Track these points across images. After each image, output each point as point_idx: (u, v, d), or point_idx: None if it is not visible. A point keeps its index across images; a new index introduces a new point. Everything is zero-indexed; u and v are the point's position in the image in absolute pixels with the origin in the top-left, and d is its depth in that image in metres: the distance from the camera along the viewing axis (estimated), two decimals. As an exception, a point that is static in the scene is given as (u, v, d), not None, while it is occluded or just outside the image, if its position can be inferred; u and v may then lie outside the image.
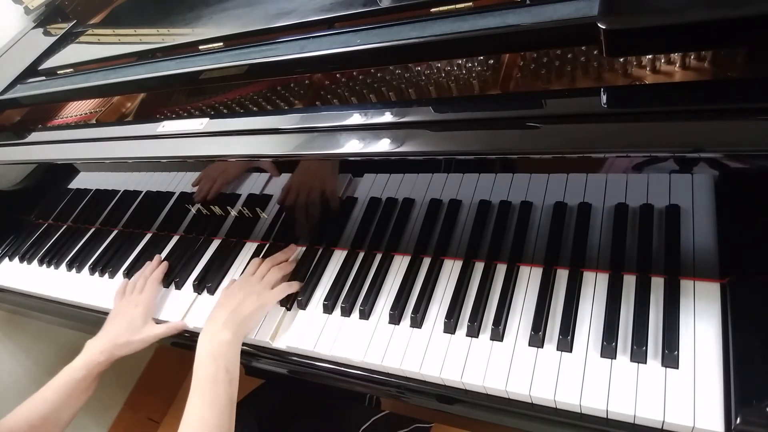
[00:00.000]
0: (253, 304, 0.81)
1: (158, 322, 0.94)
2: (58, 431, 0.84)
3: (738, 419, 0.55)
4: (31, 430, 0.80)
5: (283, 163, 0.81)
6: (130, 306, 0.93)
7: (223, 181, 0.90)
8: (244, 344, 0.86)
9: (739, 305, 0.63)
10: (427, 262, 0.83)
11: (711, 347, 0.62)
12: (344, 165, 0.78)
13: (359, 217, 0.85)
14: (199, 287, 0.96)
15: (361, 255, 0.89)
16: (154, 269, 1.00)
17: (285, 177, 0.83)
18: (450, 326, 0.74)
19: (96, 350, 0.86)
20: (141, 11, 1.23)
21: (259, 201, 0.91)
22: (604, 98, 0.60)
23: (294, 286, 0.87)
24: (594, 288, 0.72)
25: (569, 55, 0.76)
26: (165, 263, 1.02)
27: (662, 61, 0.70)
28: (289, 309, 0.87)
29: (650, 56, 0.70)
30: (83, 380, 0.84)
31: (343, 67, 0.88)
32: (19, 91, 1.14)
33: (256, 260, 0.92)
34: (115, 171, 1.03)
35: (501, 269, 0.78)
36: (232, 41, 0.93)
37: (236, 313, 0.80)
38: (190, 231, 1.07)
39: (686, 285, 0.67)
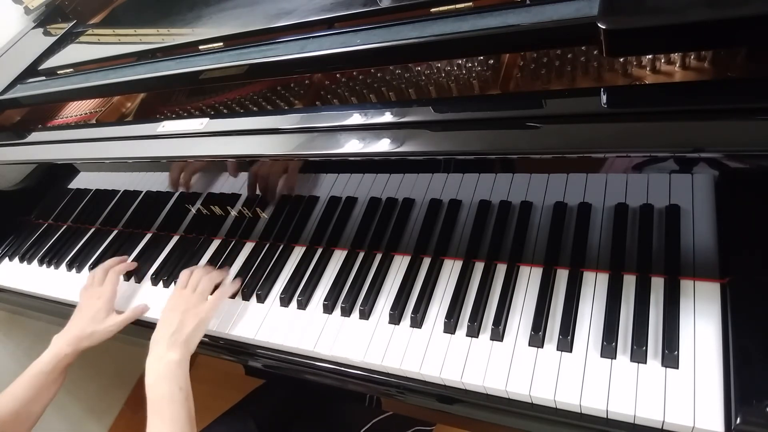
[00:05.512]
0: (193, 321, 0.82)
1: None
2: (30, 425, 0.85)
3: (738, 419, 0.55)
4: (3, 426, 0.81)
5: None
6: (92, 298, 0.93)
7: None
8: (246, 343, 0.86)
9: (739, 305, 0.63)
10: (427, 262, 0.83)
11: (711, 347, 0.62)
12: (345, 165, 0.78)
13: (359, 217, 0.85)
14: (199, 287, 0.96)
15: (361, 255, 0.89)
16: (117, 262, 1.01)
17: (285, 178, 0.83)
18: (450, 326, 0.74)
19: (62, 343, 0.87)
20: (141, 11, 1.23)
21: (259, 201, 0.91)
22: (604, 98, 0.60)
23: (227, 290, 0.88)
24: (594, 288, 0.72)
25: (569, 55, 0.76)
26: (132, 263, 1.02)
27: (662, 61, 0.70)
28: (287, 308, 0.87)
29: (650, 56, 0.70)
30: (51, 373, 0.85)
31: (343, 67, 0.88)
32: (19, 91, 1.14)
33: (185, 272, 0.91)
34: (115, 171, 1.03)
35: (501, 269, 0.78)
36: (232, 41, 0.93)
37: (178, 333, 0.80)
38: (190, 231, 1.07)
39: (686, 285, 0.67)
